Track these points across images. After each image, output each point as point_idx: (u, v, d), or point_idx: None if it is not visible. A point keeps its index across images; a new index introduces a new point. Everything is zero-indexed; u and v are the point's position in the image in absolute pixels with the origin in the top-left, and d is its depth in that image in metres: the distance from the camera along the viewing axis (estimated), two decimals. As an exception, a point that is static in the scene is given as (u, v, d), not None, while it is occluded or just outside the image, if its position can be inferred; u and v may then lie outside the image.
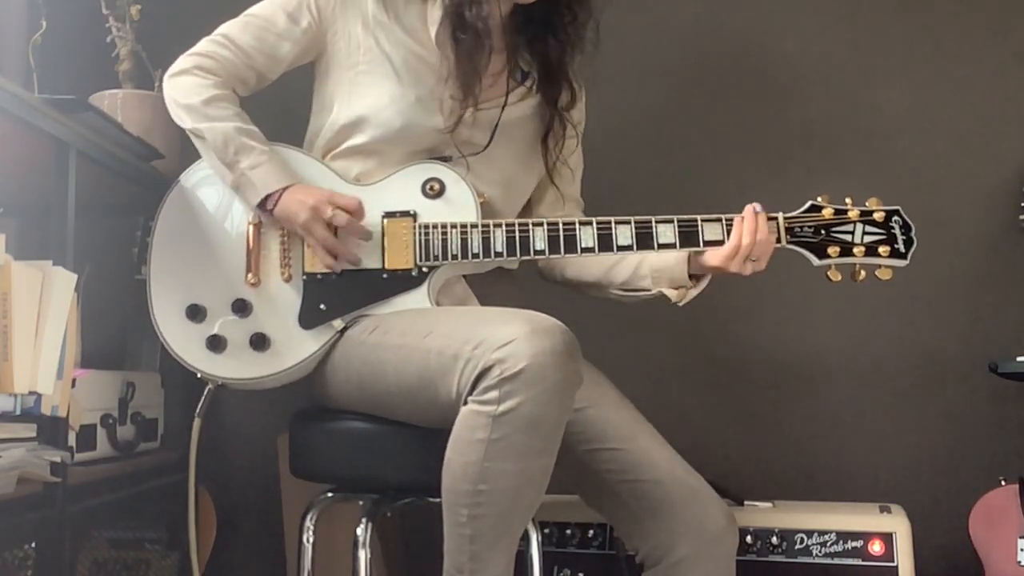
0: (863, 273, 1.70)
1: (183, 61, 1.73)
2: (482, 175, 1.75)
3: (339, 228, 1.65)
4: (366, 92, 1.73)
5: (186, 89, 1.70)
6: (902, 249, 1.69)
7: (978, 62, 2.28)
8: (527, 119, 1.81)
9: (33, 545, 1.66)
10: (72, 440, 1.67)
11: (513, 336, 1.43)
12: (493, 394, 1.42)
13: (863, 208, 1.70)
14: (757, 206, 1.67)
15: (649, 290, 1.75)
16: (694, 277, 1.73)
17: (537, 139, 1.82)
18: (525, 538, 1.77)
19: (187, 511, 1.80)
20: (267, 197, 1.66)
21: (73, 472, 1.62)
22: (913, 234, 1.69)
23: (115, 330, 2.11)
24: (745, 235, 1.64)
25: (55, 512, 1.58)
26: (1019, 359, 2.00)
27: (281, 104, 1.83)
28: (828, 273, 1.69)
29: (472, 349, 1.46)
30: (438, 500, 1.49)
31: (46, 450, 1.51)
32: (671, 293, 1.73)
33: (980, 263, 2.25)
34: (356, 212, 1.67)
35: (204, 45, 1.74)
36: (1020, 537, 1.91)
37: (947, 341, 2.24)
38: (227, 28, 1.75)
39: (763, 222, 1.66)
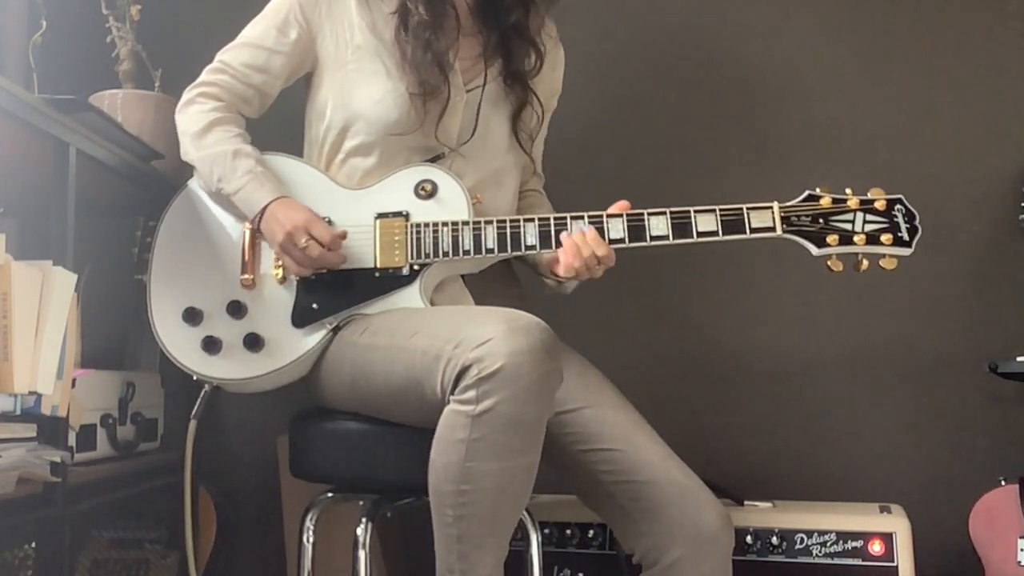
0: (866, 263, 1.64)
1: (187, 94, 1.79)
2: (479, 159, 1.77)
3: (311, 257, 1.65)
4: (359, 89, 1.74)
5: (190, 118, 1.76)
6: (906, 237, 1.63)
7: (978, 62, 2.28)
8: (509, 96, 1.81)
9: (33, 545, 1.66)
10: (72, 440, 1.67)
11: (491, 335, 1.42)
12: (471, 394, 1.41)
13: (863, 197, 1.65)
14: (584, 227, 1.65)
15: (544, 276, 1.79)
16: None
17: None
18: (525, 538, 1.77)
19: (184, 513, 1.81)
20: (254, 218, 1.69)
21: (73, 472, 1.62)
22: (917, 222, 1.63)
23: (115, 330, 2.11)
24: (573, 259, 1.63)
25: (55, 512, 1.58)
26: (1019, 359, 2.00)
27: (292, 116, 1.85)
28: (829, 263, 1.64)
29: (453, 348, 1.46)
30: (436, 500, 1.49)
31: (46, 450, 1.51)
32: (549, 282, 1.78)
33: (980, 263, 2.25)
34: (331, 245, 1.66)
35: (204, 75, 1.79)
36: (1020, 537, 1.91)
37: (947, 341, 2.24)
38: (222, 54, 1.81)
39: (587, 241, 1.63)
